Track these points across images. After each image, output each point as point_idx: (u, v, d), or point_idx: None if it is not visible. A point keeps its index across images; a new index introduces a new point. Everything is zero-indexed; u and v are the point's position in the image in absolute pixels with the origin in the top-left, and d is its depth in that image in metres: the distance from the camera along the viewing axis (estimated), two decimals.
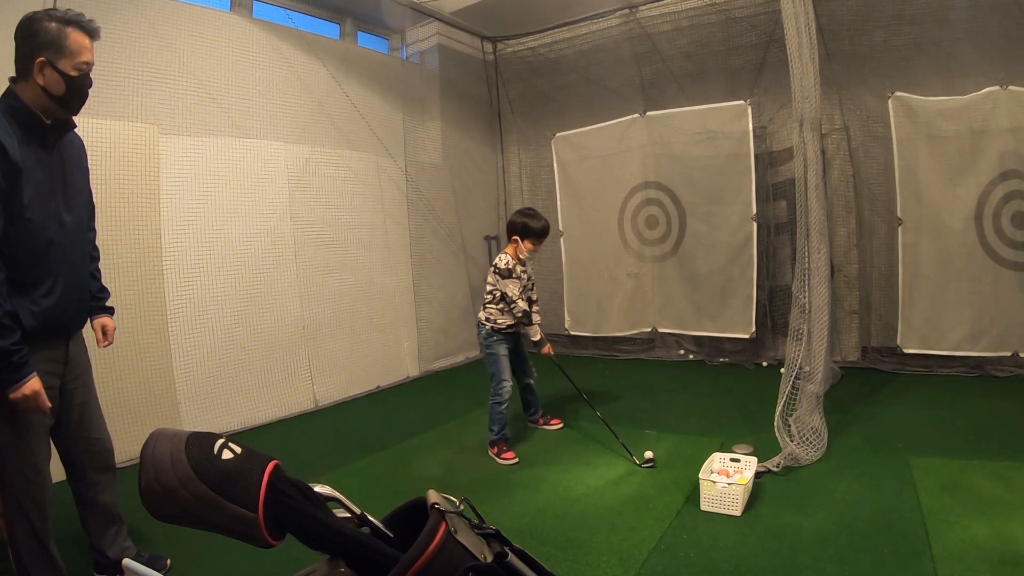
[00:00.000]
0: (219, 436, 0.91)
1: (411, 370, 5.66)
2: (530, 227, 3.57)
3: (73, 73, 1.91)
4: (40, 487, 2.02)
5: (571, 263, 6.23)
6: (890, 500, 2.73)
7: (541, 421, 4.04)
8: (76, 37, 1.90)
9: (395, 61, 6.14)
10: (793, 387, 3.34)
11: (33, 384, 1.85)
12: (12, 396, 1.81)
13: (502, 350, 3.64)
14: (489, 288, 3.64)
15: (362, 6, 5.67)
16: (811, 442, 3.23)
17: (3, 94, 1.91)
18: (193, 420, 3.92)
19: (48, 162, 1.97)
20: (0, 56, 2.11)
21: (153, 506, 0.83)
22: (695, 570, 2.30)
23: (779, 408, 3.30)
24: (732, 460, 2.94)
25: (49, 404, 1.93)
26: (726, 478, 2.77)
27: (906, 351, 4.78)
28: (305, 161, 4.85)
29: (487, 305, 3.65)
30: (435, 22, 6.06)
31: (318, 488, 0.98)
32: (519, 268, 3.62)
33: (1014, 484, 2.77)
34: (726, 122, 5.25)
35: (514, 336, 3.72)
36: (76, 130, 2.13)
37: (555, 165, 6.21)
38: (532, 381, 3.96)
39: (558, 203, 6.23)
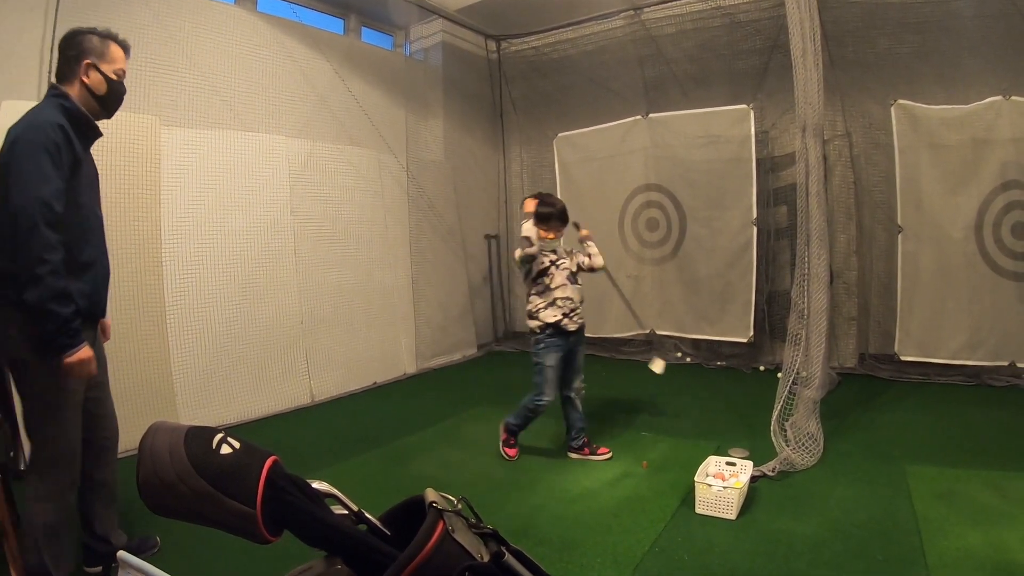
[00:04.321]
0: (218, 430, 0.91)
1: (408, 367, 5.65)
2: (537, 211, 3.34)
3: (113, 77, 2.23)
4: (74, 459, 2.19)
5: None
6: (885, 507, 2.73)
7: (587, 451, 3.43)
8: (114, 48, 2.25)
9: (399, 57, 6.14)
10: (790, 392, 3.34)
11: (87, 350, 2.04)
12: (68, 361, 1.99)
13: (551, 359, 3.26)
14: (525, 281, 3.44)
15: (367, 2, 5.67)
16: (807, 447, 3.23)
17: (52, 95, 2.12)
18: (190, 412, 3.91)
19: (89, 159, 2.23)
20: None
21: (151, 500, 0.82)
22: (689, 573, 2.30)
23: (776, 413, 3.30)
24: (728, 464, 2.94)
25: (96, 371, 2.11)
26: (721, 482, 2.77)
27: (904, 359, 4.79)
28: (307, 156, 4.84)
29: (528, 299, 3.39)
30: (439, 19, 6.06)
31: (316, 485, 0.98)
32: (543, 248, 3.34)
33: (1009, 494, 2.77)
34: (728, 126, 5.25)
35: (569, 338, 3.33)
36: None
37: (556, 165, 6.21)
38: (574, 395, 3.44)
39: None
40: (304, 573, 0.97)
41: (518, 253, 3.35)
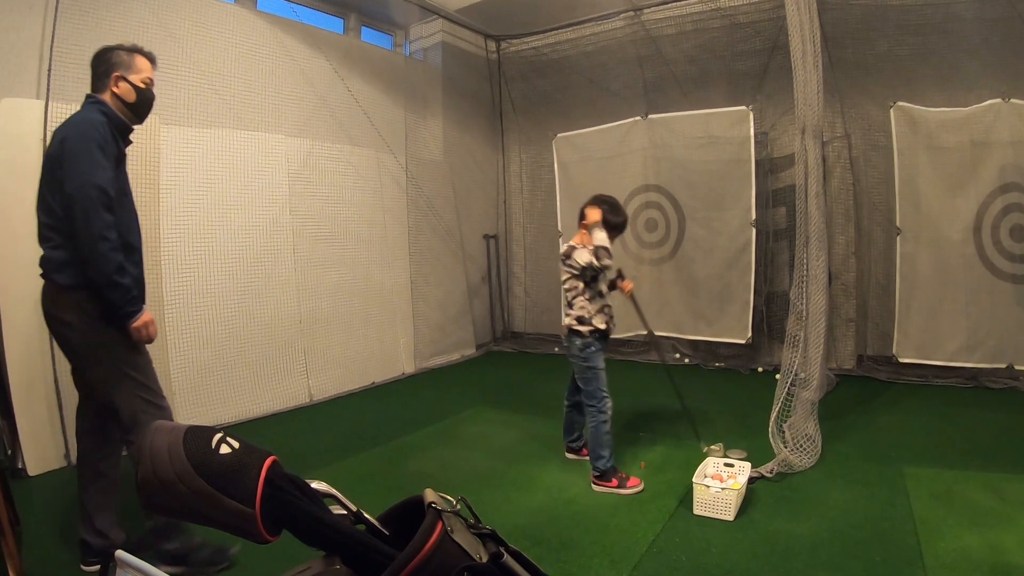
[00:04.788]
0: (217, 430, 0.90)
1: (407, 367, 5.65)
2: (607, 219, 3.15)
3: (141, 85, 2.40)
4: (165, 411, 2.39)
5: None
6: (883, 509, 2.74)
7: (585, 452, 3.36)
8: (140, 60, 2.41)
9: (398, 57, 6.13)
10: (788, 393, 3.34)
11: (148, 314, 2.26)
12: (135, 325, 2.21)
13: (602, 362, 3.18)
14: (567, 285, 3.22)
15: (367, 1, 5.66)
16: (805, 449, 3.23)
17: (90, 102, 2.33)
18: (187, 412, 3.91)
19: (124, 155, 2.41)
20: None
21: (150, 499, 0.82)
22: (687, 574, 2.30)
23: (774, 414, 3.31)
24: (726, 465, 2.95)
25: (155, 333, 2.30)
26: (719, 483, 2.78)
27: (902, 360, 4.79)
28: (306, 155, 4.84)
29: (573, 303, 3.20)
30: (439, 19, 6.06)
31: (315, 484, 0.97)
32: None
33: (1007, 496, 2.78)
34: (728, 127, 5.25)
35: (606, 344, 3.26)
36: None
37: (556, 165, 6.21)
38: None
39: (558, 203, 6.23)
40: (302, 573, 0.96)
41: (598, 261, 3.06)
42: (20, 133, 3.33)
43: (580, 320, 3.16)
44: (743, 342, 5.35)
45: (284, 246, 4.65)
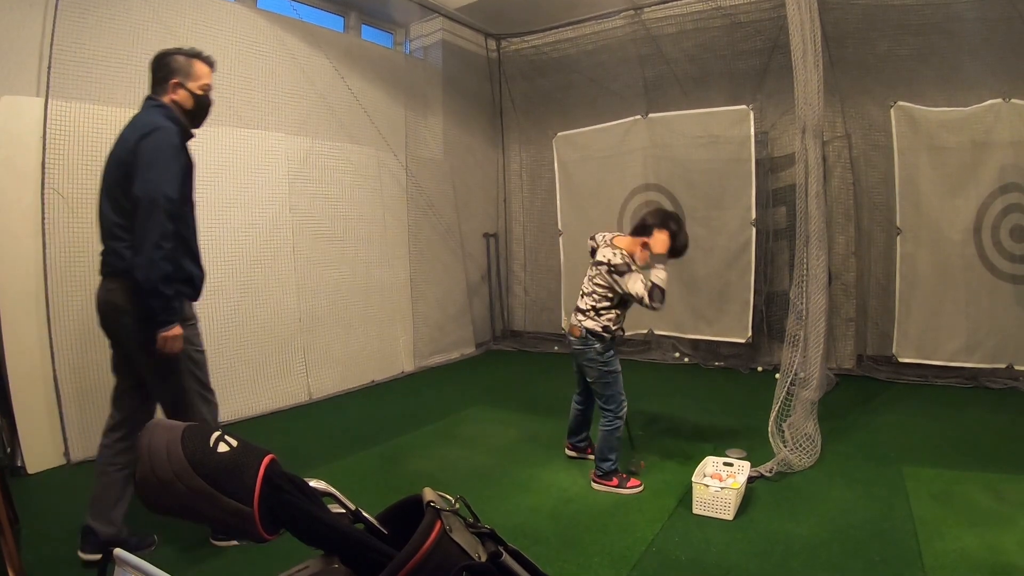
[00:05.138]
0: (215, 429, 0.90)
1: (406, 365, 5.65)
2: (673, 246, 2.98)
3: (199, 92, 2.46)
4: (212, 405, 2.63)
5: (569, 263, 6.22)
6: (882, 509, 2.74)
7: (591, 451, 3.39)
8: (199, 66, 2.47)
9: (398, 55, 6.13)
10: (788, 393, 3.34)
11: (179, 329, 2.31)
12: (164, 335, 2.26)
13: (619, 364, 3.10)
14: (599, 291, 3.03)
15: None
16: (805, 448, 3.23)
17: (152, 105, 2.38)
18: None
19: (193, 167, 2.47)
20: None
21: (148, 498, 0.82)
22: (686, 573, 2.30)
23: (773, 413, 3.30)
24: (725, 464, 2.95)
25: (181, 348, 2.35)
26: (719, 482, 2.77)
27: (901, 360, 4.80)
28: (306, 153, 4.84)
29: (601, 312, 3.02)
30: (439, 18, 6.05)
31: (313, 483, 0.97)
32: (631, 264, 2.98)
33: (1006, 496, 2.78)
34: (728, 126, 5.25)
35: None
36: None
37: (556, 164, 6.21)
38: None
39: (558, 202, 6.23)
40: (301, 572, 0.96)
41: (648, 301, 2.87)
42: (19, 131, 3.32)
43: (605, 328, 3.02)
44: (743, 341, 5.35)
45: (284, 244, 4.65)
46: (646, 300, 2.86)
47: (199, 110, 2.50)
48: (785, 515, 2.71)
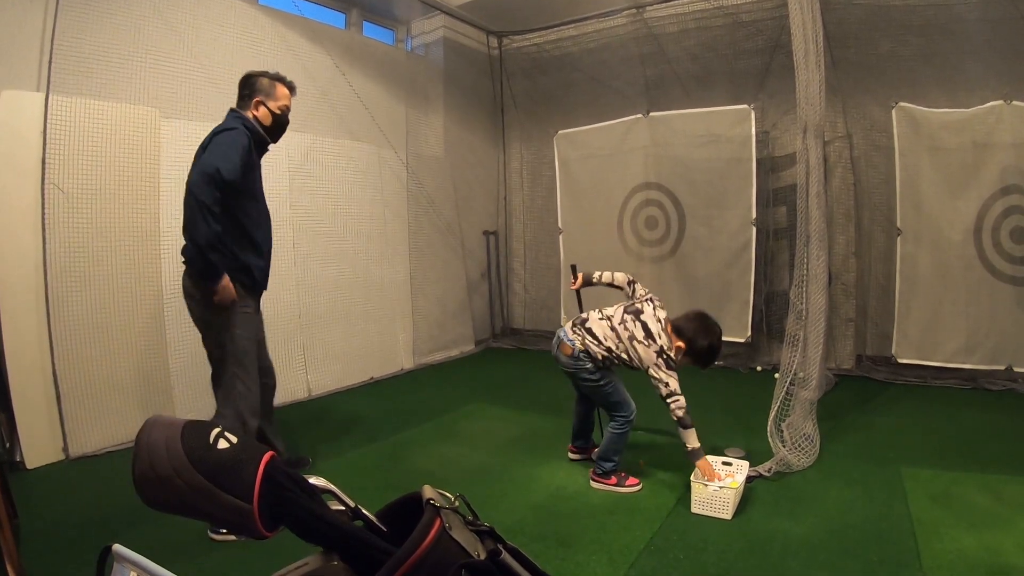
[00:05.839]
0: (215, 425, 0.90)
1: (405, 362, 5.65)
2: (696, 344, 2.94)
3: (278, 112, 2.80)
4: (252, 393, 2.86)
5: (569, 260, 6.21)
6: (881, 509, 2.74)
7: (592, 451, 3.38)
8: (280, 88, 2.80)
9: (400, 52, 6.12)
10: (787, 393, 3.34)
11: (227, 278, 2.62)
12: (221, 285, 2.60)
13: (615, 374, 3.09)
14: (620, 344, 2.97)
15: None
16: (803, 448, 3.23)
17: (234, 116, 2.71)
18: (186, 405, 3.90)
19: (259, 165, 2.84)
20: None
21: (147, 494, 0.82)
22: (684, 572, 2.30)
23: (772, 413, 3.31)
24: (724, 464, 2.95)
25: (235, 296, 2.69)
26: (717, 481, 2.77)
27: (901, 361, 4.80)
28: (306, 150, 4.83)
29: (612, 350, 2.97)
30: (441, 15, 6.04)
31: (313, 480, 0.97)
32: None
33: (1005, 497, 2.78)
34: (729, 126, 5.25)
35: None
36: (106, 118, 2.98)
37: (556, 162, 6.21)
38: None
39: (558, 200, 6.23)
40: (300, 569, 0.96)
41: (673, 406, 2.89)
42: (20, 126, 3.31)
43: (606, 356, 2.99)
44: (742, 341, 5.35)
45: (284, 241, 4.64)
46: (669, 402, 2.86)
47: (277, 127, 2.83)
48: (783, 515, 2.71)
